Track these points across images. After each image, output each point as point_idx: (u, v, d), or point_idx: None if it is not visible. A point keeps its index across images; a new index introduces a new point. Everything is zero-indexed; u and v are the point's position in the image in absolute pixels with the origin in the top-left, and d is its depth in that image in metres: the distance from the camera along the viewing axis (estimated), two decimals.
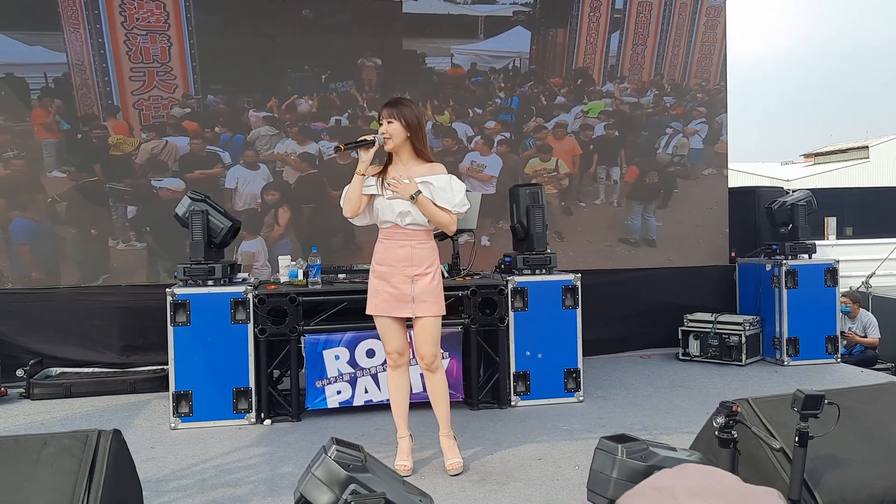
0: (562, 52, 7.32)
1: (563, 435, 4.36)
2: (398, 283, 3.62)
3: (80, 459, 2.07)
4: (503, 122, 7.15)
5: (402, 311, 3.64)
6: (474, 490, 3.49)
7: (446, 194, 3.60)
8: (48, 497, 1.99)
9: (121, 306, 6.02)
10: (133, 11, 6.56)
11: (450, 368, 4.95)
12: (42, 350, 5.90)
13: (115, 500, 2.11)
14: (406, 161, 3.67)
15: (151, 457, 4.02)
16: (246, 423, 4.70)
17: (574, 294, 5.10)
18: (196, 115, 6.67)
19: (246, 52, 6.73)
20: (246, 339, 4.71)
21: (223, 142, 6.66)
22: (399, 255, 3.62)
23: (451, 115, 7.07)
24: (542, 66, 7.24)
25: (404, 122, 3.60)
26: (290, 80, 6.84)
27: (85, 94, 6.51)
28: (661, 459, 2.42)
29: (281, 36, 6.82)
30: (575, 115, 7.29)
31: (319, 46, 6.84)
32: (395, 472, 2.36)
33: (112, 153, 6.49)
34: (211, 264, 4.77)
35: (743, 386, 5.55)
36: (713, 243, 7.22)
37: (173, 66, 6.65)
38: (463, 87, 7.12)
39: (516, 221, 5.24)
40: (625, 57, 7.39)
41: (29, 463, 2.05)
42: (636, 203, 7.34)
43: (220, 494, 3.47)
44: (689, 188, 7.39)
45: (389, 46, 6.99)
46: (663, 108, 7.43)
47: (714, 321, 6.40)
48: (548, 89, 7.29)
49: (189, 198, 4.87)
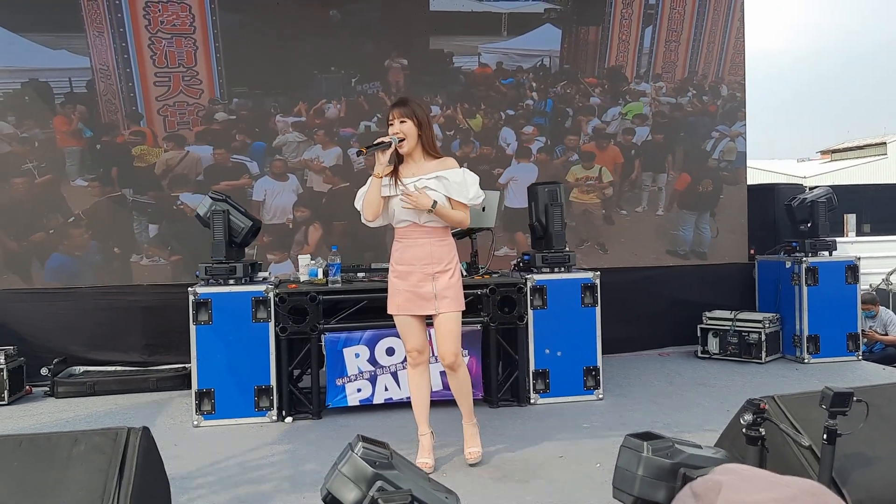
0: (594, 51, 7.07)
1: (583, 433, 4.36)
2: (419, 282, 3.62)
3: (111, 456, 2.09)
4: (537, 125, 6.91)
5: (424, 308, 3.65)
6: (497, 487, 3.49)
7: (461, 188, 3.61)
8: (80, 494, 2.02)
9: (143, 305, 6.08)
10: (158, 14, 6.41)
11: (469, 366, 4.93)
12: (65, 349, 5.97)
13: (144, 497, 2.13)
14: (417, 159, 3.68)
15: (175, 454, 4.05)
16: (267, 420, 4.73)
17: (593, 292, 5.09)
18: (222, 120, 6.51)
19: (272, 54, 6.59)
20: (267, 338, 4.74)
21: (252, 151, 6.55)
22: (419, 253, 3.62)
23: (483, 118, 6.87)
24: (574, 64, 7.03)
25: (416, 121, 3.61)
26: (316, 82, 6.69)
27: (109, 101, 6.38)
28: (687, 457, 2.41)
29: (307, 37, 6.68)
30: (612, 116, 7.05)
31: (346, 47, 6.72)
32: (421, 470, 2.36)
33: (136, 164, 6.37)
34: (232, 263, 4.81)
35: (763, 384, 5.52)
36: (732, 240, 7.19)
37: (199, 71, 6.47)
38: (493, 89, 6.92)
39: (535, 220, 5.24)
40: (657, 54, 7.13)
41: (61, 460, 2.07)
42: (688, 213, 7.12)
43: (245, 492, 3.49)
44: (733, 194, 7.26)
45: (416, 46, 6.85)
46: (702, 109, 7.22)
47: (733, 319, 6.36)
48: (582, 89, 7.04)
49: (210, 198, 4.90)
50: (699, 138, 7.23)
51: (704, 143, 7.22)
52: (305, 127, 6.67)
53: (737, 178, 7.29)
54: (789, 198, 6.74)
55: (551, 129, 7.01)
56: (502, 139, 6.96)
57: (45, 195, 6.28)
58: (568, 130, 7.05)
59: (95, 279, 6.27)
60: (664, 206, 7.14)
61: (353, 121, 6.65)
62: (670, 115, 7.16)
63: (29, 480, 2.02)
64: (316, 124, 6.69)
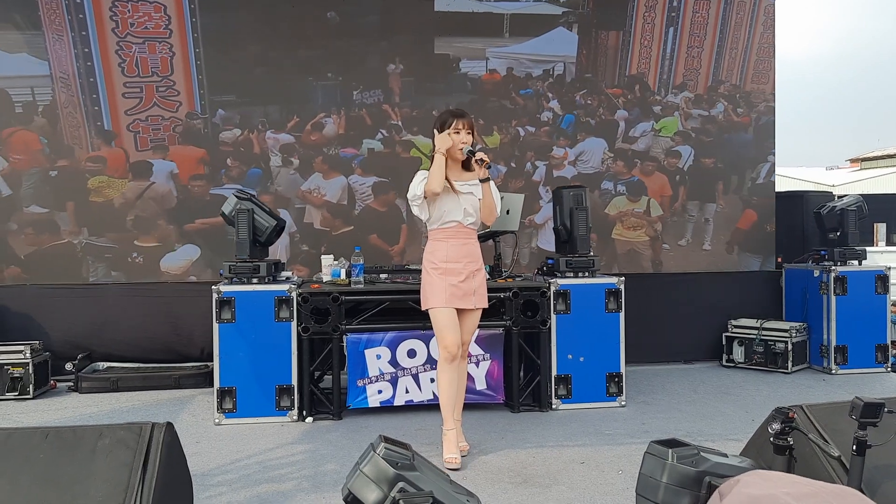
0: (614, 57, 6.54)
1: (605, 439, 4.32)
2: (464, 278, 3.91)
3: (135, 451, 2.10)
4: (556, 143, 6.34)
5: (467, 303, 3.92)
6: (517, 492, 3.47)
7: (497, 199, 4.01)
8: (104, 487, 2.03)
9: (167, 303, 6.11)
10: (127, 15, 5.63)
11: (491, 370, 4.94)
12: (89, 345, 6.02)
13: (167, 492, 2.14)
14: (458, 168, 3.99)
15: (196, 451, 4.07)
16: (288, 420, 4.74)
17: (617, 297, 5.04)
18: (202, 137, 5.78)
19: (261, 60, 5.90)
20: (289, 337, 4.75)
21: (235, 178, 5.85)
22: (464, 251, 3.93)
23: (501, 134, 6.34)
24: (593, 72, 6.54)
25: (473, 134, 3.95)
26: (312, 90, 6.07)
27: (71, 114, 5.61)
28: (712, 465, 2.37)
29: (302, 42, 6.06)
30: (641, 132, 6.51)
31: (345, 52, 6.14)
32: (443, 472, 2.35)
33: (93, 199, 5.67)
34: (256, 262, 4.83)
35: (790, 394, 5.44)
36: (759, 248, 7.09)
37: (176, 80, 5.69)
38: (506, 98, 6.42)
39: (559, 224, 5.21)
40: (678, 60, 6.65)
41: (86, 453, 2.09)
42: (752, 256, 6.66)
43: (265, 490, 3.50)
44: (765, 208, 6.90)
45: (421, 50, 6.37)
46: (738, 123, 6.73)
47: (759, 327, 6.28)
48: (605, 101, 6.47)
49: (235, 196, 4.93)
50: (747, 162, 6.76)
51: (756, 168, 6.73)
52: (300, 146, 6.01)
53: (769, 192, 6.99)
54: (818, 206, 6.64)
55: (571, 146, 6.50)
56: (527, 163, 6.31)
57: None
58: (605, 154, 6.51)
59: None
60: (710, 239, 6.70)
61: (355, 139, 6.01)
62: (703, 128, 6.66)
63: (54, 472, 2.03)
64: (312, 142, 6.02)
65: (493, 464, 3.88)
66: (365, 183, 6.26)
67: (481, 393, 4.93)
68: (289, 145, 6.07)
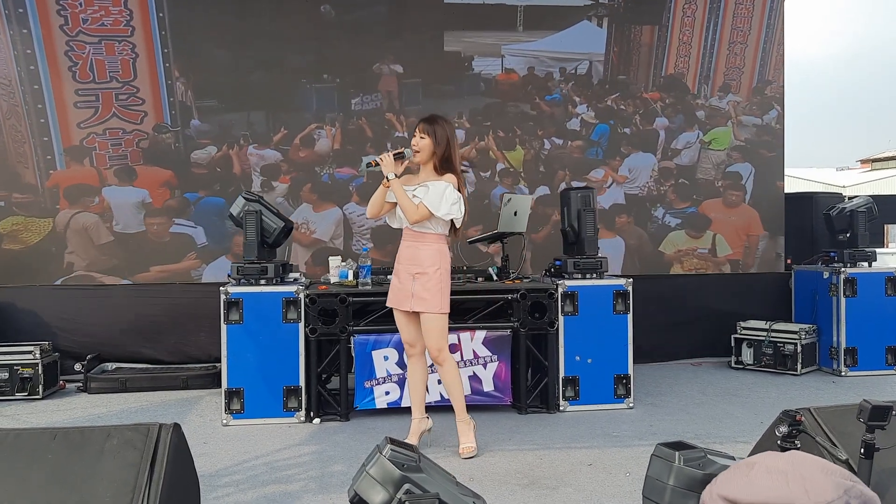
0: (648, 55, 5.79)
1: (613, 441, 4.31)
2: (403, 279, 3.98)
3: (142, 452, 2.11)
4: (590, 161, 5.53)
5: (403, 304, 3.98)
6: (524, 494, 3.47)
7: (434, 199, 3.85)
8: (111, 487, 2.04)
9: (174, 304, 6.13)
10: (78, 10, 4.79)
11: (498, 372, 4.93)
12: (97, 345, 6.05)
13: (174, 493, 2.15)
14: (428, 172, 3.99)
15: (204, 452, 4.09)
16: (295, 421, 4.75)
17: (625, 299, 5.03)
18: (172, 154, 4.98)
19: (243, 61, 5.18)
20: (297, 339, 4.76)
21: (208, 210, 4.97)
22: (406, 254, 3.99)
23: (525, 149, 5.61)
24: (626, 72, 5.82)
25: (434, 140, 3.90)
26: (303, 96, 5.35)
27: (14, 127, 4.83)
28: (719, 468, 2.36)
29: (292, 39, 5.35)
30: (685, 143, 5.77)
31: (341, 51, 5.44)
32: (449, 474, 2.35)
33: (6, 247, 4.92)
34: (263, 264, 4.84)
35: (799, 396, 5.41)
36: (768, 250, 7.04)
37: (140, 86, 4.93)
38: (528, 102, 5.67)
39: (567, 225, 5.20)
40: (719, 57, 5.84)
41: (94, 454, 2.09)
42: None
43: (272, 491, 3.51)
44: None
45: (429, 46, 5.68)
46: (778, 129, 6.08)
47: (768, 329, 6.25)
48: (641, 106, 5.71)
49: (243, 198, 4.94)
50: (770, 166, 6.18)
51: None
52: (287, 163, 5.26)
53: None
54: (828, 207, 6.60)
55: (604, 163, 5.65)
56: (560, 184, 5.50)
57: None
58: (650, 173, 5.68)
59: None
60: (758, 262, 6.10)
61: (353, 155, 5.21)
62: (760, 140, 5.91)
63: (63, 473, 2.04)
64: (301, 160, 5.22)
65: (500, 465, 3.88)
66: (364, 214, 5.23)
67: (489, 394, 4.93)
68: (272, 165, 5.29)
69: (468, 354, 4.89)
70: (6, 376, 5.35)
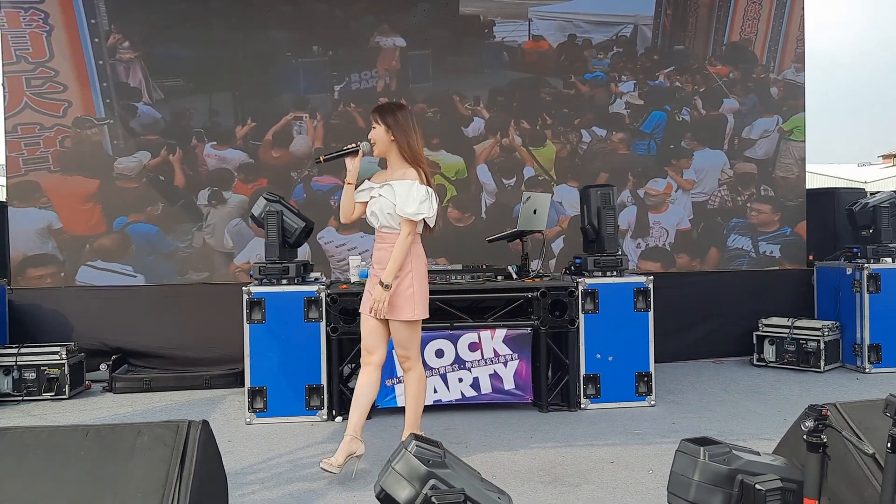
0: (707, 18, 4.79)
1: (634, 438, 4.30)
2: (374, 284, 3.70)
3: (172, 448, 2.14)
4: (640, 159, 4.57)
5: (372, 310, 3.67)
6: (546, 491, 3.47)
7: (402, 200, 3.58)
8: (142, 483, 2.07)
9: (197, 303, 6.19)
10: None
11: (519, 370, 4.94)
12: (122, 345, 6.12)
13: (203, 489, 2.18)
14: (392, 164, 3.71)
15: (229, 450, 4.13)
16: (318, 419, 4.78)
17: (646, 296, 5.02)
18: (101, 157, 4.02)
19: (204, 33, 4.18)
20: (318, 337, 4.80)
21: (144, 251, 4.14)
22: (377, 257, 3.72)
23: (556, 143, 4.82)
24: (682, 39, 4.76)
25: (386, 127, 3.62)
26: (291, 72, 4.38)
27: None
28: (744, 463, 2.37)
29: (272, 4, 4.35)
30: (761, 132, 4.93)
31: (334, 18, 4.50)
32: (474, 469, 2.37)
33: None
34: (285, 264, 4.88)
35: (822, 393, 5.37)
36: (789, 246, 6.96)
37: (59, 69, 3.98)
38: (560, 76, 4.62)
39: (587, 223, 5.19)
40: (791, 18, 4.80)
41: (125, 451, 2.13)
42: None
43: (297, 488, 3.54)
44: None
45: (441, 8, 4.71)
46: None
47: (791, 326, 6.21)
48: (703, 82, 4.77)
49: (264, 198, 4.98)
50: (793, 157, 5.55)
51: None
52: (253, 168, 4.38)
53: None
54: (850, 203, 6.54)
55: (660, 158, 4.66)
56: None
57: None
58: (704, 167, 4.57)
59: None
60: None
61: (336, 161, 3.58)
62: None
63: (95, 469, 2.08)
64: (274, 162, 4.25)
65: (522, 463, 3.89)
66: (346, 244, 4.63)
67: (509, 392, 4.94)
68: (224, 173, 4.17)
69: (489, 353, 4.90)
70: (33, 376, 5.43)
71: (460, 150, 4.76)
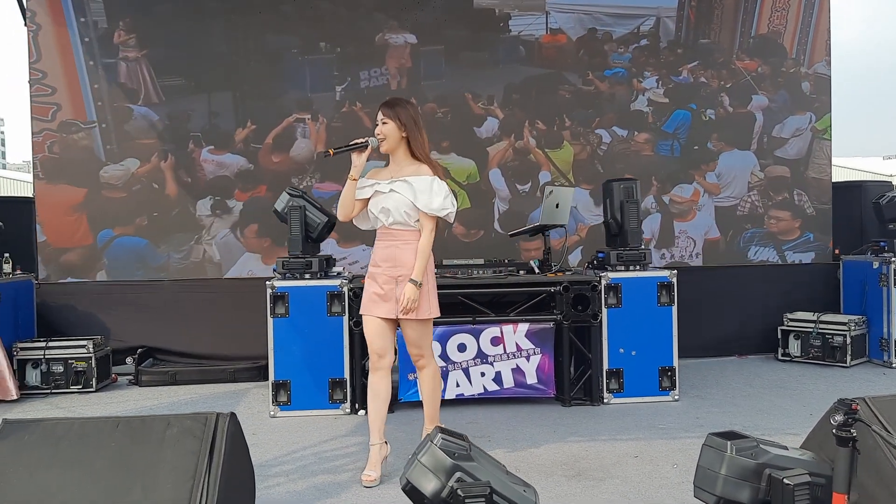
0: (734, 10, 4.60)
1: (659, 433, 4.28)
2: (383, 284, 3.56)
3: (201, 440, 2.17)
4: (664, 161, 4.35)
5: (387, 312, 3.55)
6: (570, 485, 3.47)
7: (424, 197, 3.50)
8: (172, 474, 2.10)
9: (221, 298, 6.24)
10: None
11: (541, 364, 4.93)
12: (147, 339, 6.19)
13: (231, 480, 2.20)
14: (400, 161, 3.61)
15: (254, 443, 4.13)
16: (341, 413, 4.81)
17: (670, 291, 4.99)
18: (90, 164, 3.90)
19: (202, 25, 4.06)
20: (341, 331, 4.82)
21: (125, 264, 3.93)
22: (385, 254, 3.58)
23: (574, 146, 4.60)
24: (706, 32, 4.60)
25: (399, 122, 3.53)
26: (296, 70, 4.23)
27: None
28: (772, 458, 2.35)
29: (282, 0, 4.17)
30: (793, 130, 4.76)
31: (341, 15, 4.36)
32: (499, 462, 2.37)
33: None
34: (308, 258, 4.91)
35: (849, 388, 5.32)
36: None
37: (48, 70, 3.84)
38: (577, 71, 4.45)
39: (610, 217, 5.17)
40: (821, 10, 4.58)
41: (154, 441, 2.16)
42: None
43: (322, 481, 3.57)
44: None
45: (455, 5, 4.63)
46: None
47: (816, 320, 6.15)
48: (730, 77, 4.59)
49: (288, 193, 5.01)
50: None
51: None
52: (258, 172, 4.20)
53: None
54: (877, 196, 6.46)
55: (683, 160, 4.43)
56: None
57: None
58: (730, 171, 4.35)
59: None
60: None
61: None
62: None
63: (126, 459, 2.11)
64: (272, 168, 4.14)
65: (545, 457, 3.88)
66: (347, 257, 4.44)
67: (532, 387, 4.93)
68: (221, 182, 3.98)
69: (511, 347, 4.90)
70: (61, 370, 5.52)
71: (472, 152, 4.60)
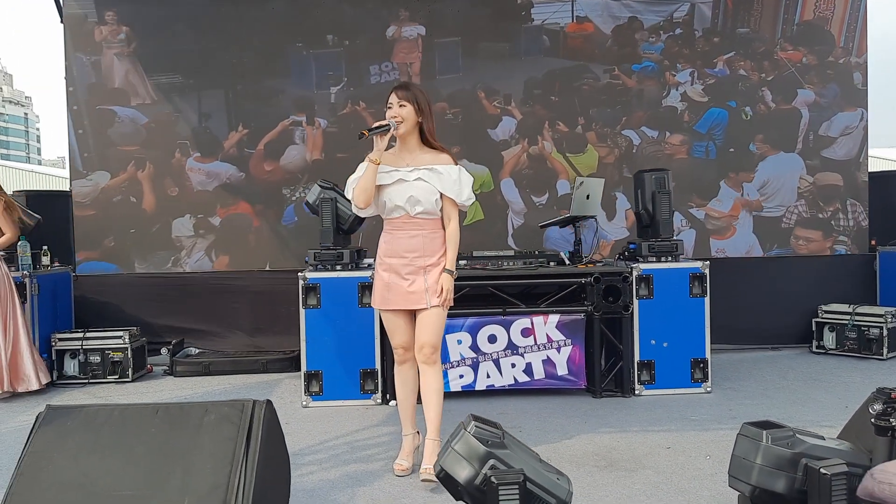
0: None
1: (691, 425, 4.25)
2: (410, 275, 3.45)
3: (238, 426, 2.21)
4: (697, 165, 4.02)
5: (416, 303, 3.45)
6: (602, 476, 3.46)
7: (455, 187, 3.43)
8: (210, 460, 2.14)
9: (253, 290, 6.33)
10: None
11: (572, 356, 4.92)
12: (181, 331, 6.29)
13: (268, 466, 2.24)
14: (413, 148, 3.49)
15: (287, 432, 4.12)
16: (372, 403, 4.85)
17: (702, 282, 4.95)
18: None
19: (200, 19, 3.92)
20: (373, 322, 4.85)
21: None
22: (410, 245, 3.44)
23: (600, 148, 4.26)
24: (744, 20, 4.25)
25: (417, 106, 3.42)
26: (302, 64, 3.99)
27: None
28: (809, 447, 2.33)
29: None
30: (842, 129, 4.43)
31: (346, 5, 4.14)
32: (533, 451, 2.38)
33: None
34: (339, 250, 4.95)
35: (885, 380, 5.21)
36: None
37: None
38: (605, 63, 4.18)
39: (641, 207, 5.13)
40: None
41: (193, 427, 2.20)
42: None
43: (354, 469, 3.60)
44: None
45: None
46: None
47: (852, 312, 6.05)
48: (773, 69, 4.25)
49: (319, 186, 5.05)
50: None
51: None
52: (250, 182, 3.97)
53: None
54: None
55: (721, 161, 4.11)
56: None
57: None
58: (778, 179, 4.02)
59: None
60: None
61: (340, 167, 3.28)
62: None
63: (165, 445, 2.16)
64: (264, 178, 3.91)
65: (576, 448, 3.88)
66: None
67: (563, 378, 4.92)
68: (205, 196, 3.77)
69: (542, 338, 4.90)
70: (98, 360, 5.63)
71: (486, 158, 4.37)
